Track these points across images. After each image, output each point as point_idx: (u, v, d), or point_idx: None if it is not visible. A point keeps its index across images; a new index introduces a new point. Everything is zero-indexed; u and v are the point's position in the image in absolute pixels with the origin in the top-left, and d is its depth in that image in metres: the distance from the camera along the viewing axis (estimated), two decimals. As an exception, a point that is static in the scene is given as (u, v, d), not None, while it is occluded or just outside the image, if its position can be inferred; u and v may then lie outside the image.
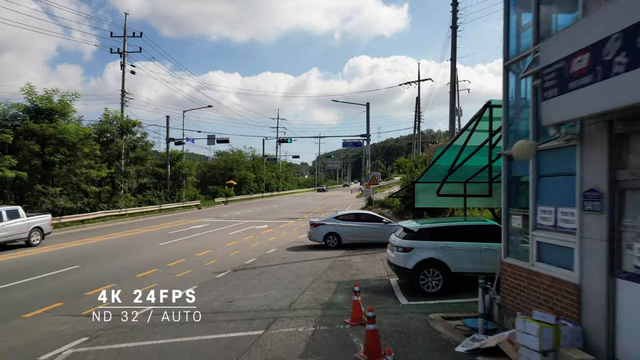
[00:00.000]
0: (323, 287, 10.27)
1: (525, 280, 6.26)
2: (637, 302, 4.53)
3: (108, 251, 16.48)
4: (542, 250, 6.03)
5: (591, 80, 4.26)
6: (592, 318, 5.01)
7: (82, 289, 10.45)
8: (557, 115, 4.94)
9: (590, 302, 5.05)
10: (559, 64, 4.74)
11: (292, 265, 13.07)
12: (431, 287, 9.31)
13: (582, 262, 5.16)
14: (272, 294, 9.62)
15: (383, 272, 11.86)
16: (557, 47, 4.84)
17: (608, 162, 4.78)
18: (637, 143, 4.58)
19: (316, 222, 16.93)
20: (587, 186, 5.08)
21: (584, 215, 5.14)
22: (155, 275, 11.83)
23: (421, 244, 9.43)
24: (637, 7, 3.74)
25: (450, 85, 19.59)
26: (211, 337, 6.84)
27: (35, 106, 24.29)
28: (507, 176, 7.03)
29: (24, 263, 14.10)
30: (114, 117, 30.73)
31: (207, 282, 11.01)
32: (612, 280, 4.81)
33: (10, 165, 21.21)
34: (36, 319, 8.20)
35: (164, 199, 36.13)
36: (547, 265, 5.86)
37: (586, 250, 5.11)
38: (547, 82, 4.98)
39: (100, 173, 26.61)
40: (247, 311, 8.35)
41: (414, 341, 6.35)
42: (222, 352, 6.17)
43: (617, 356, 4.81)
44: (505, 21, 6.90)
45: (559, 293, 5.53)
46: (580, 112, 4.66)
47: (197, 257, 14.72)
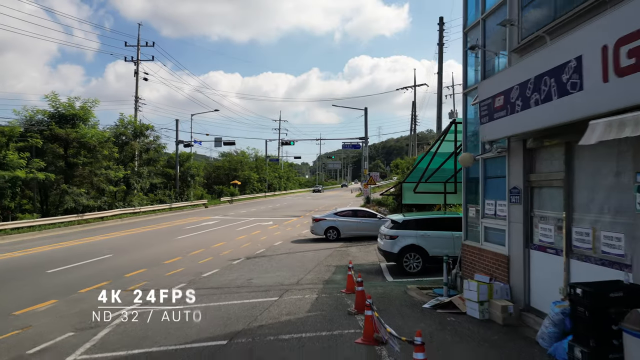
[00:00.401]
0: (324, 269, 12.33)
1: (477, 255, 8.31)
2: (541, 265, 6.57)
3: (133, 243, 18.57)
4: (487, 233, 8.08)
5: (505, 114, 6.31)
6: (515, 278, 7.07)
7: (120, 272, 12.48)
8: (488, 135, 7.00)
9: (513, 267, 7.11)
10: (488, 100, 6.80)
11: (297, 254, 15.13)
12: (413, 268, 11.35)
13: (509, 239, 7.22)
14: (282, 274, 11.67)
15: (375, 259, 13.91)
16: (487, 88, 6.90)
17: (523, 168, 6.84)
18: (541, 155, 6.64)
19: (318, 217, 19.02)
20: (512, 185, 7.14)
21: (510, 206, 7.20)
22: (180, 262, 13.87)
23: (405, 233, 11.48)
24: (526, 70, 5.79)
25: (437, 96, 21.71)
26: (239, 302, 8.89)
27: (58, 112, 26.43)
28: (466, 178, 9.09)
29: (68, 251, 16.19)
30: (129, 122, 32.90)
31: (226, 267, 13.06)
32: (527, 251, 6.86)
33: (39, 167, 23.32)
34: (91, 293, 10.21)
35: (173, 198, 38.25)
36: (490, 244, 7.91)
37: (511, 230, 7.17)
38: (482, 112, 7.03)
39: (117, 174, 28.75)
40: (263, 286, 10.40)
41: (392, 302, 8.40)
42: (249, 310, 8.21)
43: (531, 304, 6.86)
44: (464, 61, 8.94)
45: (496, 263, 7.58)
46: (500, 134, 6.74)
47: (213, 248, 16.78)
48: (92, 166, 26.81)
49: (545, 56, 5.41)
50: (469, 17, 8.91)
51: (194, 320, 7.64)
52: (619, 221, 5.06)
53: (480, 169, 8.24)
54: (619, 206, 5.08)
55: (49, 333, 7.18)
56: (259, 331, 6.93)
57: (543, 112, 5.42)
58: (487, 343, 6.10)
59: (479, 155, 7.87)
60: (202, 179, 49.67)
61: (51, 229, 24.04)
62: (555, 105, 5.15)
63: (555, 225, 6.24)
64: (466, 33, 8.89)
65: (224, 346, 6.33)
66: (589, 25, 4.81)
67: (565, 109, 4.98)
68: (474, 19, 8.59)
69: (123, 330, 7.30)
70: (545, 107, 5.35)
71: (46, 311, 8.68)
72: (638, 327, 4.05)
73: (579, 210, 5.79)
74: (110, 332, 7.20)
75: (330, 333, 6.69)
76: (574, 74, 4.83)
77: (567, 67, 4.92)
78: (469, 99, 9.07)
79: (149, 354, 6.13)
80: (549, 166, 6.43)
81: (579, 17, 5.45)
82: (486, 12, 8.08)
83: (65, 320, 7.93)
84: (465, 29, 8.93)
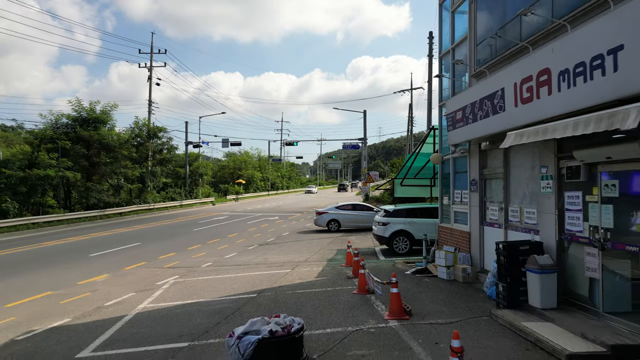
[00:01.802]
0: (327, 251, 14.59)
1: (449, 234, 10.55)
2: (490, 236, 8.81)
3: (156, 234, 20.84)
4: (456, 216, 10.32)
5: (463, 124, 8.56)
6: (474, 249, 9.31)
7: (153, 255, 14.73)
8: (452, 140, 9.26)
9: (473, 240, 9.35)
10: (452, 114, 9.04)
11: (303, 241, 17.39)
12: (401, 250, 13.59)
13: (470, 219, 9.46)
14: (292, 255, 13.92)
15: (371, 244, 16.16)
16: (452, 104, 9.15)
17: (479, 165, 9.08)
18: (491, 155, 8.88)
19: (321, 210, 21.28)
20: (471, 178, 9.38)
21: (470, 194, 9.44)
22: (201, 248, 16.11)
23: (395, 220, 13.73)
24: (475, 94, 8.04)
25: (427, 104, 23.89)
26: (260, 273, 11.15)
27: (81, 116, 28.76)
28: (441, 173, 11.33)
29: (100, 240, 18.46)
30: (143, 124, 35.24)
31: (242, 251, 15.30)
32: (482, 227, 9.10)
33: (67, 166, 25.63)
34: (135, 270, 12.45)
35: (183, 196, 40.56)
36: (458, 224, 10.16)
37: (471, 212, 9.41)
38: (449, 122, 9.28)
39: (134, 172, 31.06)
40: (277, 263, 12.65)
41: (382, 271, 10.66)
42: (270, 277, 10.46)
43: (484, 267, 9.09)
44: (439, 81, 11.19)
45: (462, 238, 9.82)
46: (460, 139, 8.99)
47: (228, 237, 19.04)
48: (113, 165, 29.16)
49: (485, 85, 7.66)
50: (443, 45, 11.15)
51: (228, 283, 9.91)
52: (534, 200, 7.30)
53: (451, 166, 10.49)
54: (533, 190, 7.32)
55: (115, 294, 9.40)
56: (279, 289, 9.18)
57: (485, 125, 7.67)
58: (449, 292, 8.35)
59: (448, 155, 10.12)
60: (210, 177, 52.01)
61: (76, 223, 26.36)
62: (490, 121, 7.40)
63: (499, 206, 8.48)
64: (441, 58, 11.14)
65: (255, 297, 8.58)
66: (508, 67, 7.06)
67: (496, 123, 7.24)
68: (447, 47, 10.84)
69: (174, 290, 9.54)
70: (486, 121, 7.60)
71: (104, 281, 10.89)
72: (533, 266, 6.29)
73: (512, 195, 8.03)
74: (163, 292, 9.42)
75: (333, 288, 8.94)
76: (500, 99, 7.07)
77: (496, 94, 7.17)
78: (443, 109, 11.32)
79: (199, 303, 8.36)
80: (495, 163, 8.67)
81: (506, 59, 7.70)
82: (455, 42, 10.32)
83: (123, 287, 10.13)
84: (440, 54, 11.18)
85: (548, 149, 6.70)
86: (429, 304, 7.52)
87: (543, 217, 6.87)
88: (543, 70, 6.01)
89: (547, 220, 6.75)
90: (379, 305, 7.52)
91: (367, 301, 7.85)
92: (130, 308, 8.23)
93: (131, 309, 8.13)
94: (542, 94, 6.07)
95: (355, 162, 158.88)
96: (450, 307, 7.33)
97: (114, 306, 8.46)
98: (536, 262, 6.23)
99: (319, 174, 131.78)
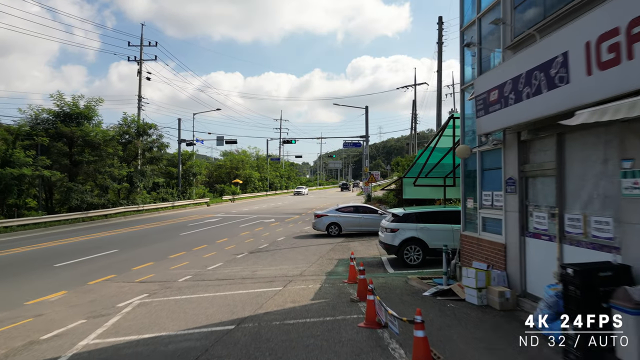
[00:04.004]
0: (326, 262, 12.64)
1: (475, 245, 8.61)
2: (536, 251, 6.87)
3: (139, 239, 18.89)
4: (485, 223, 8.38)
5: (499, 107, 6.61)
6: (512, 266, 7.37)
7: (128, 265, 12.81)
8: (484, 128, 7.30)
9: (510, 255, 7.40)
10: (483, 95, 7.09)
11: (299, 248, 15.44)
12: (413, 260, 11.65)
13: (506, 228, 7.51)
14: (286, 267, 11.97)
15: (376, 253, 14.21)
16: (482, 83, 7.20)
17: (518, 159, 7.13)
18: (534, 146, 6.93)
19: (320, 213, 19.33)
20: (507, 176, 7.43)
21: (506, 196, 7.49)
22: (184, 257, 14.17)
23: (405, 226, 11.79)
24: (518, 66, 6.09)
25: (437, 94, 21.94)
26: (244, 291, 9.20)
27: (63, 111, 26.77)
28: (464, 170, 9.38)
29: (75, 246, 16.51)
30: (132, 120, 33.23)
31: (230, 260, 13.36)
32: (523, 238, 7.15)
33: (45, 164, 23.66)
34: (101, 285, 10.50)
35: (176, 197, 38.60)
36: (488, 233, 8.21)
37: (507, 219, 7.46)
38: (478, 106, 7.33)
39: (121, 172, 29.07)
40: (267, 277, 10.71)
41: (394, 291, 8.71)
42: (255, 299, 8.52)
43: (528, 289, 7.15)
44: (461, 58, 9.24)
45: (494, 251, 7.88)
46: (495, 127, 7.03)
47: (217, 243, 17.09)
48: (97, 164, 27.17)
49: (535, 53, 5.71)
50: (465, 17, 9.20)
51: (203, 307, 7.97)
52: (608, 206, 5.36)
53: (477, 161, 8.54)
54: (607, 192, 5.37)
55: (61, 321, 7.46)
56: (265, 317, 7.24)
57: (534, 105, 5.72)
58: (485, 325, 6.40)
59: (476, 147, 8.17)
60: (204, 177, 50.02)
61: (56, 226, 24.39)
62: (545, 98, 5.45)
63: (548, 212, 6.53)
64: (463, 32, 9.19)
65: (232, 330, 6.63)
66: (574, 24, 5.10)
67: (554, 101, 5.28)
68: (471, 18, 8.89)
69: (134, 317, 7.60)
70: (536, 100, 5.65)
71: (57, 301, 8.97)
72: (626, 303, 4.34)
73: (571, 198, 6.08)
74: (120, 320, 7.47)
75: (334, 318, 6.99)
76: (561, 68, 5.13)
77: (555, 62, 5.22)
78: (466, 94, 9.37)
79: (158, 339, 6.42)
80: (542, 157, 6.72)
81: (566, 16, 5.75)
82: (482, 11, 8.38)
83: (76, 310, 8.21)
84: (462, 27, 9.23)
85: (635, 135, 4.75)
86: (465, 348, 5.56)
87: (627, 229, 4.92)
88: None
89: (634, 235, 4.80)
90: (396, 349, 5.56)
91: (378, 341, 5.90)
92: (69, 346, 6.30)
93: (69, 348, 6.20)
94: (637, 52, 4.13)
95: (356, 162, 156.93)
96: (496, 355, 5.37)
97: (51, 342, 6.53)
98: (629, 298, 4.28)
99: (319, 174, 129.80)
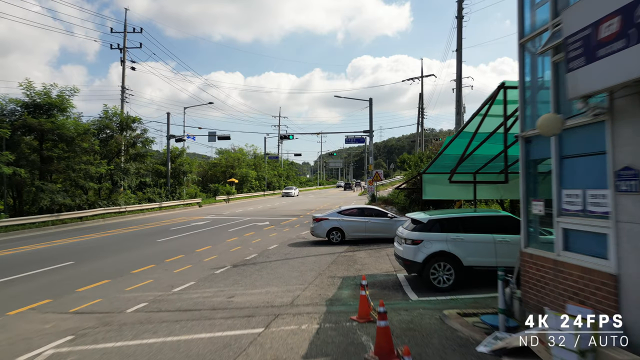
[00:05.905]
0: (327, 282, 9.73)
1: (551, 271, 5.69)
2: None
3: (105, 247, 15.99)
4: (569, 238, 5.46)
5: (624, 45, 3.70)
6: (634, 311, 4.45)
7: (74, 285, 9.98)
8: (585, 86, 4.37)
9: (630, 294, 4.49)
10: (585, 32, 4.19)
11: (294, 261, 12.53)
12: (442, 282, 8.74)
13: (619, 249, 4.60)
14: (273, 290, 9.08)
15: (390, 267, 11.31)
16: (581, 14, 4.29)
17: (648, 136, 4.22)
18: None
19: (319, 217, 16.39)
20: (620, 164, 4.52)
21: (618, 197, 4.58)
22: (152, 272, 11.31)
23: (431, 236, 8.87)
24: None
25: (457, 76, 18.94)
26: (208, 335, 6.30)
27: (33, 101, 23.83)
28: (525, 160, 6.47)
29: (25, 257, 13.62)
30: (114, 114, 30.24)
31: (205, 278, 10.48)
32: (656, 268, 4.24)
33: (8, 161, 20.73)
34: (19, 318, 7.64)
35: (164, 197, 35.64)
36: (577, 255, 5.29)
37: (623, 235, 4.55)
38: (572, 52, 4.42)
39: (99, 169, 26.12)
40: (246, 306, 7.82)
41: (429, 340, 5.79)
42: (219, 352, 5.63)
43: (662, 354, 4.25)
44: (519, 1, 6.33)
45: (591, 285, 4.96)
46: (611, 80, 4.09)
47: (196, 253, 14.20)
48: (69, 160, 24.18)
49: None
50: None
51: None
52: None
53: (552, 145, 5.64)
54: None
55: None
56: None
57: None
58: None
59: (567, 118, 5.22)
60: (197, 176, 47.03)
61: (20, 231, 21.46)
62: None
63: None
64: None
65: None
66: None
67: None
68: None
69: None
70: None
71: None
72: None
73: None
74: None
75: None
76: None
77: None
78: (526, 54, 6.48)
79: None
80: None
81: None
82: None
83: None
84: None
85: None
86: None
87: None
88: None
89: None
90: None
91: None
92: None
93: None
94: None
95: (357, 162, 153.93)
96: None
97: None
98: None
99: (320, 174, 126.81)
